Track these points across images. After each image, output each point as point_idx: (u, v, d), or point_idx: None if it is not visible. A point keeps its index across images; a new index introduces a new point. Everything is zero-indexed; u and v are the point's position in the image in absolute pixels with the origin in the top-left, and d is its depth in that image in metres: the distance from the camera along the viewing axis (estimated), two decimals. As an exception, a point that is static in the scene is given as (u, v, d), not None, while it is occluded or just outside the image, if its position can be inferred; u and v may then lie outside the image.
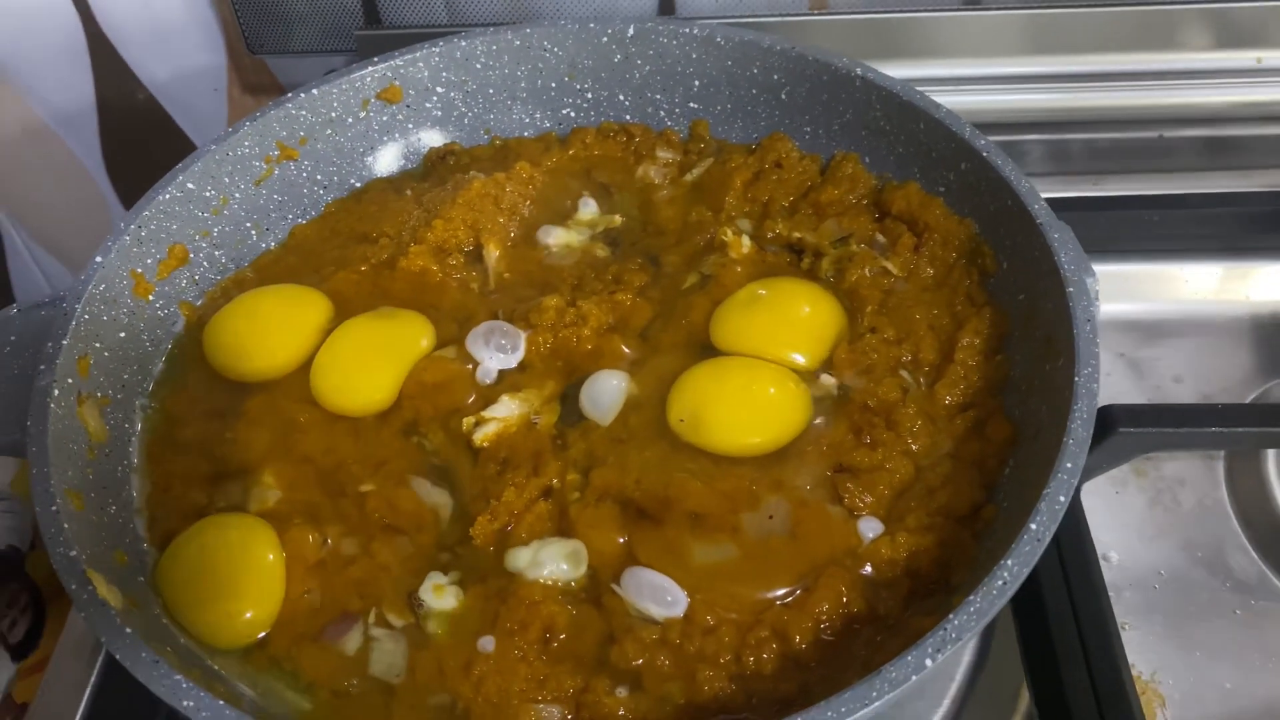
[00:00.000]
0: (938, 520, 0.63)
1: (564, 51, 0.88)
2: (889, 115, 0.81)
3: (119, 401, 0.70)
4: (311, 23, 1.00)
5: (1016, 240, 0.72)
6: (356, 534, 0.65)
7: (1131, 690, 0.65)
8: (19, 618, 0.92)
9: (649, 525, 0.64)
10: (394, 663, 0.60)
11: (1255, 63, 0.99)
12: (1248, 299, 0.95)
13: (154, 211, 0.74)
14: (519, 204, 0.83)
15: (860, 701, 0.48)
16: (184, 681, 0.50)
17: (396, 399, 0.72)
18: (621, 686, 0.58)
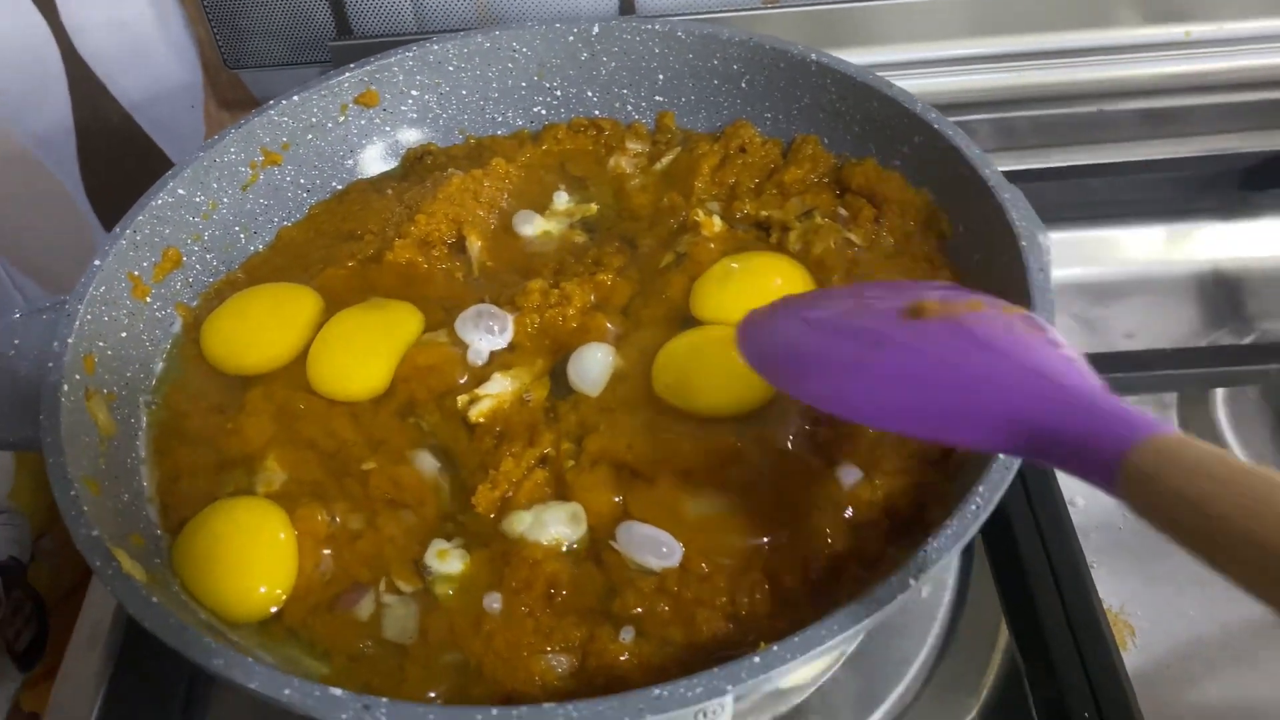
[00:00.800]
0: (911, 464, 0.67)
1: (532, 51, 0.92)
2: (844, 96, 0.85)
3: (124, 398, 0.73)
4: (285, 36, 1.03)
5: (970, 205, 0.77)
6: (362, 510, 0.68)
7: (1104, 621, 0.69)
8: (23, 628, 0.93)
9: (642, 485, 0.67)
10: (406, 626, 0.63)
11: (1184, 36, 1.05)
12: (1191, 258, 1.00)
13: (147, 216, 0.77)
14: (497, 197, 0.87)
15: (852, 620, 0.52)
16: (213, 642, 0.53)
17: (391, 383, 0.74)
18: (625, 633, 0.61)
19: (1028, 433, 0.48)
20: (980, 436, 0.51)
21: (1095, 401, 0.47)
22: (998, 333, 0.54)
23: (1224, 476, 0.40)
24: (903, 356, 0.55)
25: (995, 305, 0.57)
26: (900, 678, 0.72)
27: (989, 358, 0.52)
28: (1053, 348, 0.52)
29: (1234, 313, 0.96)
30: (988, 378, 0.51)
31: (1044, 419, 0.48)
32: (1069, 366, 0.50)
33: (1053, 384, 0.49)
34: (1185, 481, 0.41)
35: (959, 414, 0.52)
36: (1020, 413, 0.49)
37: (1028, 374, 0.50)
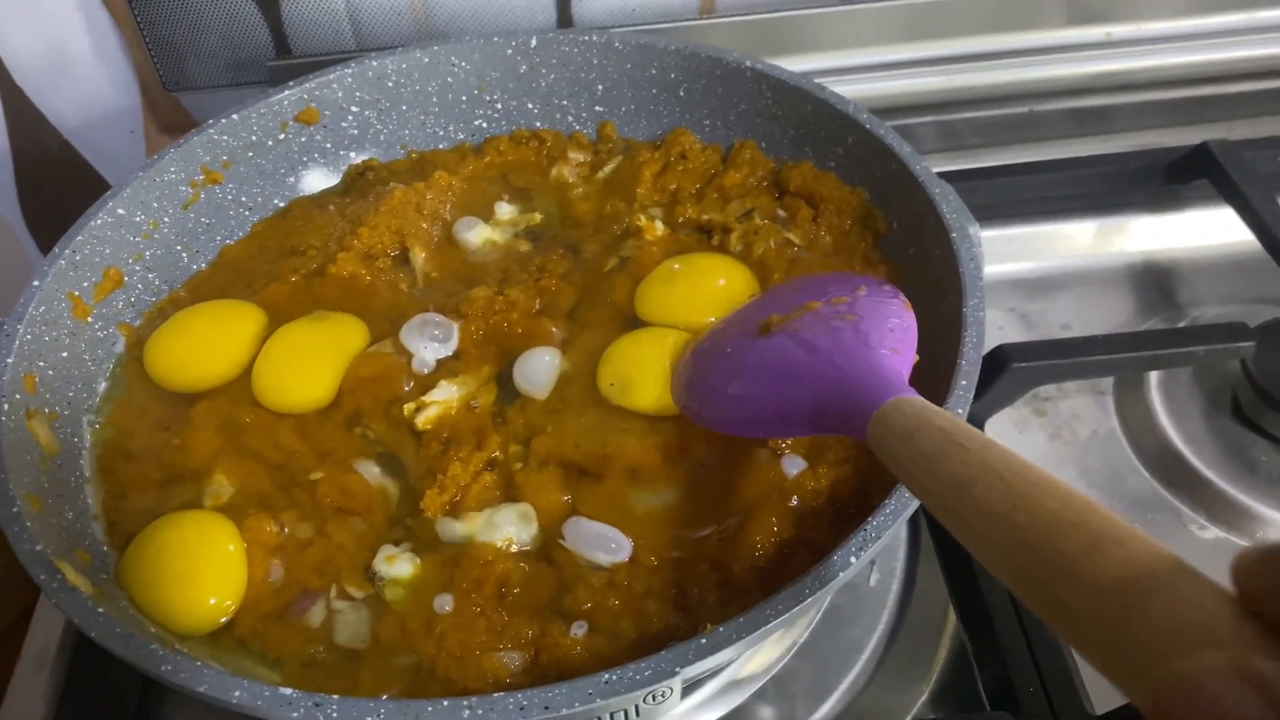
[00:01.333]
0: (853, 453, 0.68)
1: (471, 65, 0.93)
2: (779, 101, 0.87)
3: (67, 417, 0.72)
4: (224, 57, 1.03)
5: (903, 201, 0.79)
6: (311, 519, 0.68)
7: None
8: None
9: (591, 482, 0.68)
10: (358, 631, 0.63)
11: (1106, 36, 1.08)
12: (1122, 250, 1.03)
13: (87, 236, 0.77)
14: (440, 210, 0.87)
15: (795, 598, 0.53)
16: (160, 649, 0.53)
17: (337, 395, 0.75)
18: (577, 628, 0.61)
19: (825, 416, 0.57)
20: (798, 431, 0.64)
21: (862, 375, 0.57)
22: (816, 336, 0.64)
23: (917, 432, 0.48)
24: (749, 377, 0.66)
25: (839, 294, 0.69)
26: (852, 665, 0.73)
27: (804, 362, 0.62)
28: (853, 331, 0.63)
29: (1166, 301, 0.98)
30: (799, 380, 0.62)
31: (832, 403, 0.57)
32: (859, 347, 0.61)
33: (840, 369, 0.59)
34: (899, 438, 0.49)
35: (782, 419, 0.62)
36: (818, 401, 0.58)
37: (825, 366, 0.60)
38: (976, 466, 0.42)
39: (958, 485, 0.43)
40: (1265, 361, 0.83)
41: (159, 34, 1.01)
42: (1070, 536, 0.36)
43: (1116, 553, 0.35)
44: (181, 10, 0.99)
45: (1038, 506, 0.38)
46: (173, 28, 1.01)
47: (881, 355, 0.59)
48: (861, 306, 0.66)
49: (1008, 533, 0.39)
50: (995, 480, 0.41)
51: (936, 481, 0.45)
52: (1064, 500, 0.38)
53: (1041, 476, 0.40)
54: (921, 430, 0.47)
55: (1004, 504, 0.40)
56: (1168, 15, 1.08)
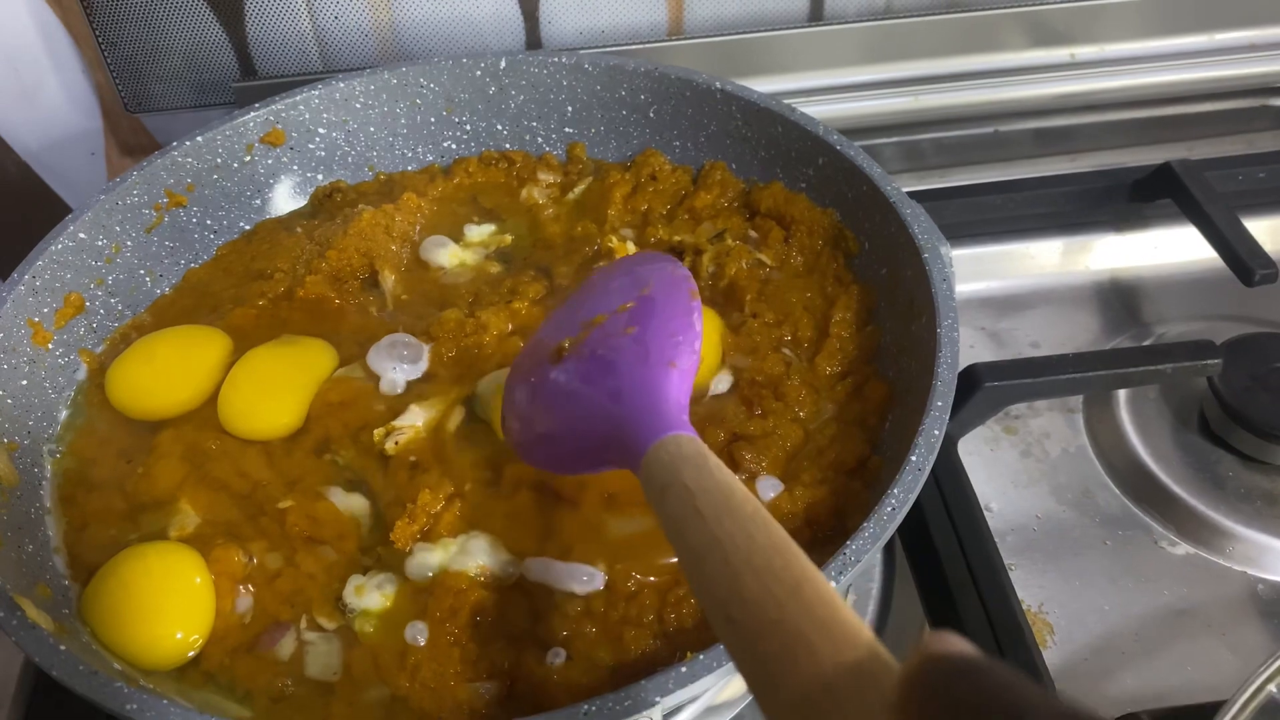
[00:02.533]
0: (829, 475, 0.68)
1: (440, 87, 0.92)
2: (749, 123, 0.88)
3: (26, 447, 0.70)
4: (188, 78, 1.02)
5: (875, 221, 0.79)
6: (280, 548, 0.66)
7: (1024, 621, 0.71)
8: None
9: (566, 508, 0.67)
10: (329, 663, 0.62)
11: (1069, 58, 1.10)
12: (1088, 268, 1.04)
13: (47, 261, 0.75)
14: (410, 231, 0.87)
15: (774, 624, 0.52)
16: (124, 687, 0.51)
17: (305, 421, 0.73)
18: (554, 656, 0.60)
19: (611, 455, 0.55)
20: (603, 468, 0.59)
21: (636, 409, 0.54)
22: (596, 364, 0.60)
23: (668, 489, 0.46)
24: (546, 413, 0.62)
25: (624, 299, 0.64)
26: (829, 688, 0.73)
27: (586, 396, 0.59)
28: (633, 348, 0.59)
29: (1132, 319, 0.99)
30: (585, 415, 0.58)
31: (614, 442, 0.54)
32: (638, 369, 0.57)
33: (616, 404, 0.56)
34: (656, 492, 0.48)
35: (579, 455, 0.60)
36: (603, 439, 0.56)
37: (603, 400, 0.57)
38: (707, 541, 0.42)
39: (693, 558, 0.43)
40: (1231, 378, 0.84)
41: (121, 55, 0.99)
42: (770, 637, 0.37)
43: (806, 662, 0.35)
44: (144, 31, 0.98)
45: (749, 600, 0.38)
46: (135, 48, 0.99)
47: (660, 376, 0.56)
48: (644, 311, 0.62)
49: (724, 625, 0.40)
50: (719, 562, 0.41)
51: (680, 548, 0.44)
52: (774, 588, 0.38)
53: (765, 553, 0.40)
54: (671, 488, 0.46)
55: (723, 590, 0.40)
56: (1130, 37, 1.09)
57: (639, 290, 0.64)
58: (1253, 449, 0.84)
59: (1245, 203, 0.97)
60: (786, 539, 0.41)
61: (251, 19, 0.99)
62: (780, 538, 0.41)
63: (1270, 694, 0.57)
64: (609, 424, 0.55)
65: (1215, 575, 0.80)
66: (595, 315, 0.64)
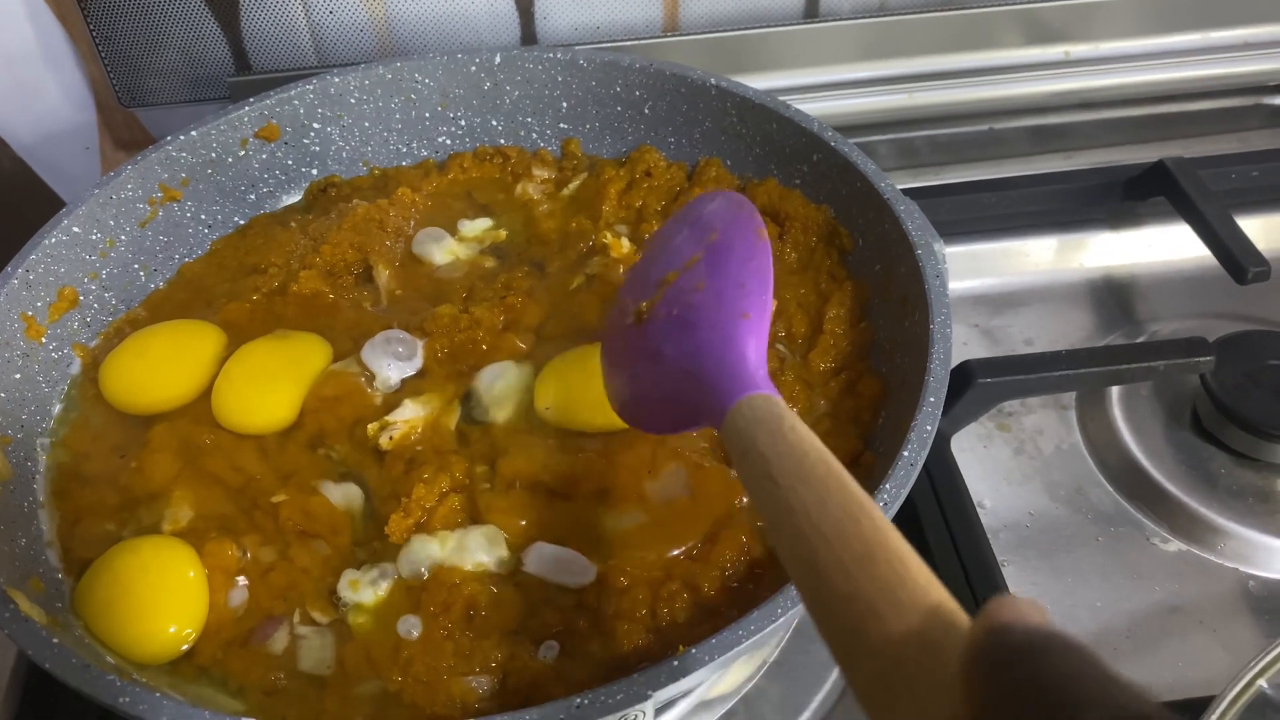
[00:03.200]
0: (824, 468, 0.68)
1: (435, 82, 0.92)
2: (744, 119, 0.88)
3: (20, 441, 0.70)
4: (182, 73, 1.02)
5: (868, 218, 0.79)
6: (273, 542, 0.66)
7: (1015, 618, 0.71)
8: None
9: (560, 503, 0.67)
10: (323, 657, 0.62)
11: (1064, 56, 1.10)
12: (1082, 266, 1.04)
13: (40, 255, 0.75)
14: (404, 227, 0.87)
15: (768, 618, 0.52)
16: (117, 680, 0.52)
17: (299, 415, 0.73)
18: (547, 651, 0.61)
19: (699, 416, 0.55)
20: (701, 424, 0.57)
21: (712, 370, 0.54)
22: (672, 325, 0.60)
23: (746, 456, 0.47)
24: (638, 376, 0.63)
25: (693, 250, 0.64)
26: (822, 683, 0.73)
27: (669, 358, 0.59)
28: (706, 303, 0.59)
29: (1126, 316, 0.99)
30: (670, 377, 0.58)
31: (700, 404, 0.54)
32: (712, 325, 0.57)
33: (695, 364, 0.55)
34: (737, 457, 0.48)
35: (676, 418, 0.59)
36: (689, 400, 0.55)
37: (683, 361, 0.57)
38: (783, 510, 0.42)
39: (772, 526, 0.43)
40: (1224, 376, 0.84)
41: (115, 48, 0.99)
42: (844, 610, 0.37)
43: (875, 634, 0.36)
44: (139, 25, 0.98)
45: (824, 570, 0.39)
46: (130, 42, 0.99)
47: (733, 332, 0.55)
48: (712, 262, 0.62)
49: (807, 596, 0.41)
50: (794, 533, 0.41)
51: (762, 515, 0.45)
52: (844, 557, 0.38)
53: (837, 520, 0.40)
54: (747, 456, 0.47)
55: (800, 561, 0.40)
56: (1125, 35, 1.09)
57: (706, 238, 0.64)
58: (1245, 446, 0.84)
59: (1238, 201, 0.97)
60: (861, 501, 0.41)
61: (246, 13, 0.99)
62: (854, 502, 0.41)
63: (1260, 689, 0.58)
64: (693, 386, 0.55)
65: (1207, 572, 0.80)
66: (668, 273, 0.64)
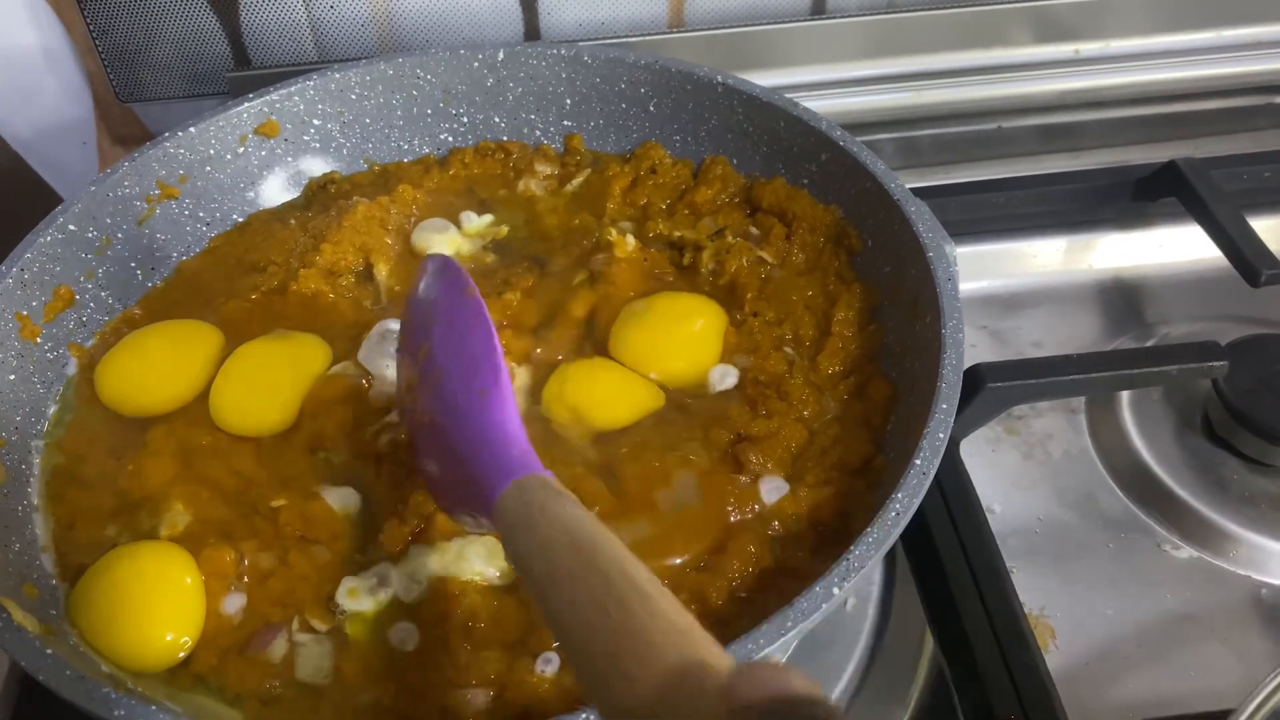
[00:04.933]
0: (833, 475, 0.67)
1: (437, 78, 0.91)
2: (751, 117, 0.86)
3: (14, 443, 0.69)
4: (181, 68, 1.00)
5: (878, 219, 0.78)
6: (272, 548, 0.65)
7: (1025, 625, 0.70)
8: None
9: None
10: (320, 665, 0.61)
11: (1074, 54, 1.09)
12: (1091, 267, 1.03)
13: (35, 254, 0.74)
14: (404, 224, 0.85)
15: (777, 632, 0.51)
16: (113, 693, 0.50)
17: (298, 418, 0.72)
18: (546, 665, 0.59)
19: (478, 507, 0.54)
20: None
21: (474, 459, 0.54)
22: (426, 414, 0.60)
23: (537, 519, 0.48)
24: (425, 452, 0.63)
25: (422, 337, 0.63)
26: (829, 691, 0.72)
27: (436, 447, 0.60)
28: (449, 388, 0.58)
29: (1135, 319, 0.98)
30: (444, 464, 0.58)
31: (470, 495, 0.54)
32: (462, 411, 0.56)
33: (460, 467, 0.55)
34: (507, 535, 0.49)
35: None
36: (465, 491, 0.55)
37: (444, 453, 0.57)
38: (541, 598, 0.45)
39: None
40: (1236, 380, 0.83)
41: (112, 43, 0.98)
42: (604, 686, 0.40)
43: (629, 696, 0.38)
44: (136, 18, 0.97)
45: (582, 656, 0.42)
46: (127, 36, 0.98)
47: (480, 414, 0.55)
48: (440, 350, 0.61)
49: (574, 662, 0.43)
50: (554, 620, 0.44)
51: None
52: (593, 648, 0.41)
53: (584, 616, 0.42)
54: (508, 552, 0.49)
55: (564, 638, 0.43)
56: (1136, 33, 1.08)
57: (430, 325, 0.63)
58: (1257, 451, 0.83)
59: (1251, 202, 0.96)
60: (610, 588, 0.42)
61: (246, 8, 0.98)
62: (603, 591, 0.42)
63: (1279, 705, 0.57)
64: (465, 484, 0.55)
65: (1219, 579, 0.79)
66: (411, 377, 0.64)
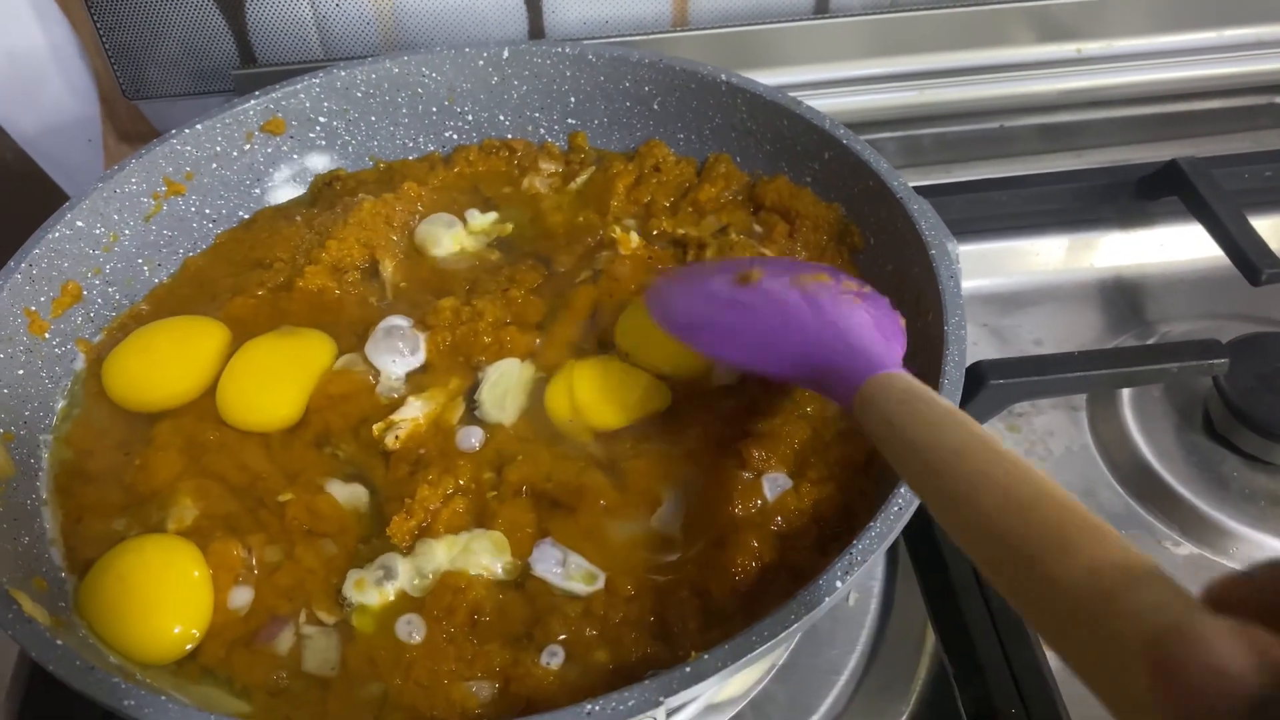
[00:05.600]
0: (836, 471, 0.67)
1: (442, 76, 0.91)
2: (754, 116, 0.87)
3: (23, 438, 0.70)
4: (187, 65, 1.01)
5: (880, 217, 0.78)
6: (279, 541, 0.66)
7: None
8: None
9: (564, 513, 0.67)
10: (327, 658, 0.61)
11: (1076, 53, 1.09)
12: (1092, 266, 1.04)
13: (44, 250, 0.74)
14: (410, 221, 0.86)
15: (781, 625, 0.52)
16: (122, 683, 0.51)
17: (305, 413, 0.73)
18: (551, 658, 0.60)
19: (809, 366, 0.60)
20: (776, 368, 0.63)
21: (854, 345, 0.59)
22: (822, 298, 0.65)
23: (915, 405, 0.50)
24: (735, 313, 0.67)
25: (850, 280, 0.68)
26: (831, 687, 0.72)
27: (803, 313, 0.64)
28: (862, 310, 0.64)
29: (1136, 317, 0.99)
30: (791, 326, 0.63)
31: (820, 357, 0.59)
32: (853, 321, 0.62)
33: (838, 331, 0.61)
34: (887, 408, 0.51)
35: (768, 351, 0.63)
36: (807, 350, 0.61)
37: (825, 324, 0.62)
38: (976, 440, 0.46)
39: (953, 451, 0.46)
40: (1237, 378, 0.84)
41: (119, 40, 0.98)
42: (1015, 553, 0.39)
43: (1090, 549, 0.36)
44: (142, 16, 0.97)
45: (1028, 480, 0.42)
46: (133, 34, 0.98)
47: (880, 338, 0.61)
48: (871, 300, 0.66)
49: (1001, 501, 0.42)
50: (990, 454, 0.45)
51: (934, 447, 0.47)
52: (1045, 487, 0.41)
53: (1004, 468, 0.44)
54: (918, 400, 0.51)
55: (999, 477, 0.43)
56: (1138, 33, 1.09)
57: (861, 285, 0.68)
58: (1257, 449, 0.84)
59: (1252, 201, 0.96)
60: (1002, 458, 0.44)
61: (252, 5, 0.98)
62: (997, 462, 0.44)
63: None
64: (823, 341, 0.60)
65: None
66: (818, 273, 0.68)
